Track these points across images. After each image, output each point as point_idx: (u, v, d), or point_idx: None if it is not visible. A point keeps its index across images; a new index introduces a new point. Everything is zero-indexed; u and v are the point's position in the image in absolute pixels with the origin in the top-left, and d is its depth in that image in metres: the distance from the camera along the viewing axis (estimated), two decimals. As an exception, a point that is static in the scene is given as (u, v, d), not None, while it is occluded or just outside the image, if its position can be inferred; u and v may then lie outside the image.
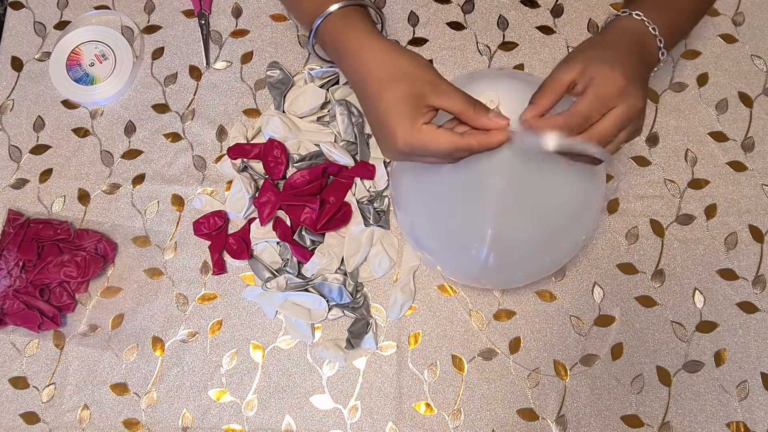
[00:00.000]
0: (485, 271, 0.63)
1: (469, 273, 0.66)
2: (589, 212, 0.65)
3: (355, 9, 0.61)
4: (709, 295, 0.75)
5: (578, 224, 0.64)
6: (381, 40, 0.57)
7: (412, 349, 0.73)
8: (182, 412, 0.72)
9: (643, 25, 0.57)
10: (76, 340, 0.74)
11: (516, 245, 0.62)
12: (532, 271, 0.68)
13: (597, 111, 0.51)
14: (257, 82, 0.83)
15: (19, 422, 0.72)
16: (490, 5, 0.85)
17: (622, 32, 0.57)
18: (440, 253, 0.68)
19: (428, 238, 0.67)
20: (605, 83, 0.51)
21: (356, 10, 0.61)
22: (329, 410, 0.72)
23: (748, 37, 0.84)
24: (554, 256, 0.67)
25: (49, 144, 0.81)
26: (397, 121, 0.52)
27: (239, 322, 0.75)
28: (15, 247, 0.74)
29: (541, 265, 0.68)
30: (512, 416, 0.71)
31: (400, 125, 0.51)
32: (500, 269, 0.64)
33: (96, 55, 0.83)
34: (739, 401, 0.72)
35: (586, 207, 0.64)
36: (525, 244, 0.63)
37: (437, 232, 0.66)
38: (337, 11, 0.60)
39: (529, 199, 0.60)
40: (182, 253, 0.77)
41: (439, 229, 0.65)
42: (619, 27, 0.57)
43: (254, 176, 0.78)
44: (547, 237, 0.63)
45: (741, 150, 0.79)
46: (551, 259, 0.67)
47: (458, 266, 0.67)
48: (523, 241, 0.62)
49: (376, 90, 0.54)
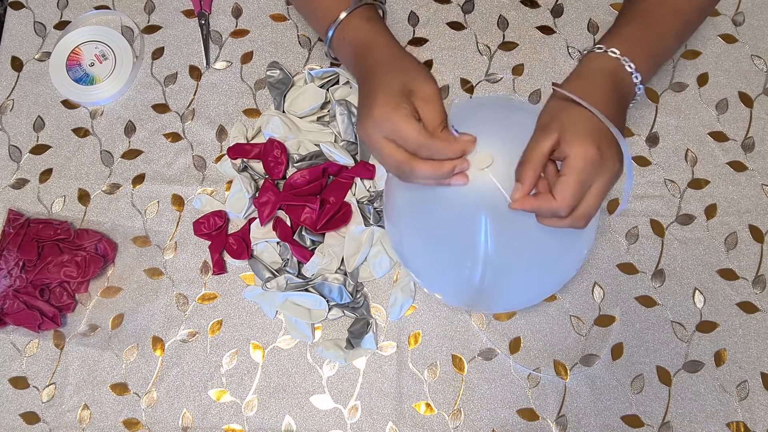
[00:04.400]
0: (479, 295, 0.61)
1: (462, 297, 0.64)
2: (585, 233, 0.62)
3: (370, 6, 0.64)
4: (709, 295, 0.75)
5: (577, 242, 0.62)
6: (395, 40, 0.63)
7: (412, 349, 0.73)
8: (182, 412, 0.72)
9: (619, 64, 0.56)
10: (76, 340, 0.74)
11: (512, 267, 0.60)
12: (531, 295, 0.66)
13: (579, 196, 0.52)
14: (257, 82, 0.83)
15: (19, 422, 0.72)
16: (490, 5, 0.85)
17: (596, 76, 0.56)
18: (430, 272, 0.65)
19: (417, 255, 0.65)
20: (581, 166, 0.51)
21: (371, 8, 0.64)
22: (329, 410, 0.72)
23: (748, 37, 0.84)
24: (554, 277, 0.64)
25: (49, 144, 0.81)
26: (385, 93, 0.55)
27: (239, 322, 0.75)
28: (15, 247, 0.74)
29: (541, 288, 0.65)
30: (512, 416, 0.71)
31: (385, 97, 0.55)
32: (496, 293, 0.62)
33: (96, 55, 0.83)
34: (739, 401, 0.72)
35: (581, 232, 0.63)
36: (522, 266, 0.61)
37: (428, 251, 0.63)
38: (360, 9, 0.63)
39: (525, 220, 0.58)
40: (182, 253, 0.77)
41: (430, 249, 0.63)
42: (593, 70, 0.57)
43: (254, 176, 0.78)
44: (545, 259, 0.61)
45: (741, 150, 0.79)
46: (551, 280, 0.65)
47: (450, 288, 0.65)
48: (520, 263, 0.60)
49: (381, 72, 0.57)
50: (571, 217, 0.53)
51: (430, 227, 0.62)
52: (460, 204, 0.57)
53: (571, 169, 0.51)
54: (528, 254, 0.60)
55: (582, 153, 0.51)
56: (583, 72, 0.57)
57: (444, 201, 0.59)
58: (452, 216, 0.59)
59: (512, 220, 0.56)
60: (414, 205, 0.62)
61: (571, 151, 0.52)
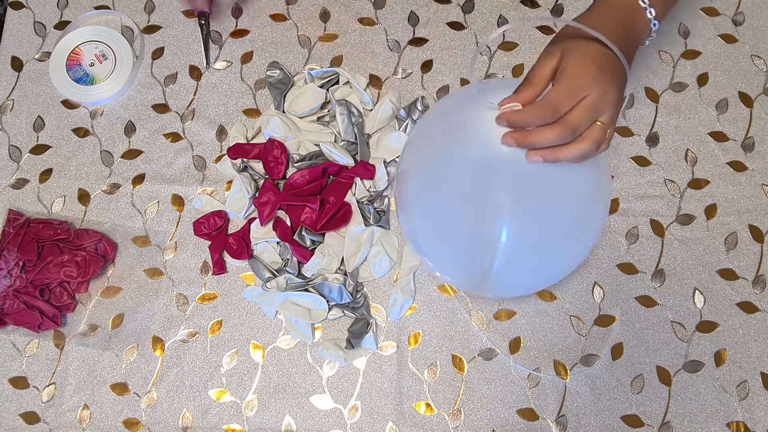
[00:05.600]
0: (489, 279, 0.61)
1: (472, 281, 0.65)
2: (595, 221, 0.63)
3: None
4: (709, 295, 0.75)
5: (584, 233, 0.63)
6: None
7: (412, 349, 0.73)
8: (182, 412, 0.72)
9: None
10: (76, 340, 0.74)
11: (522, 254, 0.60)
12: (538, 281, 0.66)
13: (567, 101, 0.52)
14: (257, 82, 0.83)
15: (19, 422, 0.72)
16: (490, 5, 0.85)
17: (608, 9, 0.57)
18: (443, 259, 0.66)
19: (431, 243, 0.66)
20: (576, 74, 0.52)
21: None
22: (329, 410, 0.72)
23: (748, 37, 0.84)
24: (560, 265, 0.65)
25: (49, 144, 0.81)
26: None
27: (239, 322, 0.75)
28: (15, 247, 0.74)
29: (547, 275, 0.65)
30: (512, 416, 0.71)
31: None
32: (505, 278, 0.62)
33: (96, 55, 0.83)
34: (739, 401, 0.72)
35: (592, 215, 0.63)
36: (531, 253, 0.61)
37: (441, 238, 0.64)
38: None
39: (537, 207, 0.58)
40: (182, 253, 0.77)
41: (442, 235, 0.64)
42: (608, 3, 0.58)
43: (254, 176, 0.78)
44: (554, 245, 0.62)
45: (741, 150, 0.79)
46: (557, 268, 0.65)
47: (461, 273, 0.66)
48: (530, 250, 0.61)
49: None
50: (559, 123, 0.52)
51: (443, 214, 0.62)
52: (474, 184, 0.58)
53: (564, 74, 0.53)
54: (538, 241, 0.61)
55: (578, 64, 0.52)
56: (596, 6, 0.58)
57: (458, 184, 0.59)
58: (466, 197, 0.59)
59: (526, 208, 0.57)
60: (425, 194, 0.63)
61: (569, 63, 0.53)
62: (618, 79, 0.54)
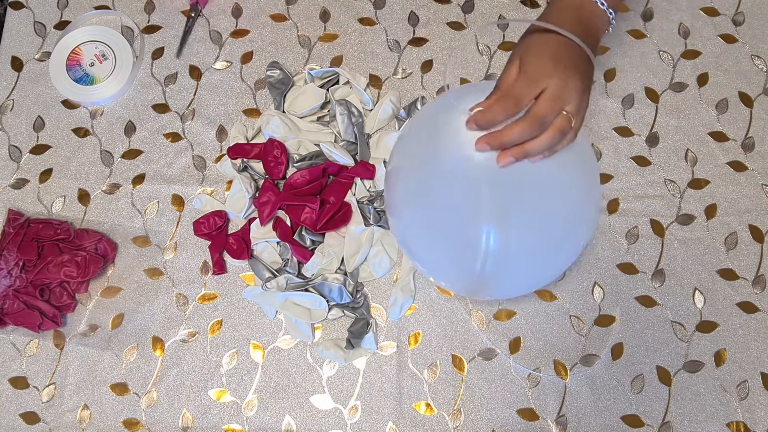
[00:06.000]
0: (481, 282, 0.61)
1: (466, 285, 0.64)
2: (586, 219, 0.63)
3: None
4: (709, 295, 0.75)
5: (576, 232, 0.63)
6: None
7: (412, 349, 0.73)
8: (182, 412, 0.72)
9: None
10: (76, 340, 0.74)
11: (513, 255, 0.60)
12: (532, 281, 0.66)
13: (527, 91, 0.54)
14: (257, 82, 0.83)
15: (19, 422, 0.72)
16: (490, 5, 0.85)
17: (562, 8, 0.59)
18: (434, 264, 0.66)
19: (422, 246, 0.65)
20: (534, 64, 0.55)
21: None
22: (329, 410, 0.72)
23: (748, 37, 0.84)
24: (553, 265, 0.64)
25: (49, 144, 0.81)
26: None
27: (239, 322, 0.75)
28: (15, 247, 0.74)
29: (540, 274, 0.65)
30: (512, 416, 0.71)
31: None
32: (497, 280, 0.62)
33: (96, 55, 0.83)
34: (739, 401, 0.72)
35: (583, 214, 0.63)
36: (522, 253, 0.61)
37: (431, 243, 0.63)
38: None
39: (524, 208, 0.58)
40: (182, 253, 0.77)
41: (432, 240, 0.63)
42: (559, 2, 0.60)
43: (254, 176, 0.78)
44: (545, 246, 0.62)
45: (741, 150, 0.79)
46: (550, 269, 0.65)
47: (454, 278, 0.65)
48: (521, 251, 0.61)
49: None
50: (525, 117, 0.54)
51: (431, 218, 0.62)
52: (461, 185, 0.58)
53: (523, 67, 0.55)
54: (527, 243, 0.61)
55: (536, 56, 0.55)
56: (551, 7, 0.60)
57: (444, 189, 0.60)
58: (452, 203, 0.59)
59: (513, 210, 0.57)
60: (415, 197, 0.63)
61: (527, 57, 0.55)
62: (580, 68, 0.55)
